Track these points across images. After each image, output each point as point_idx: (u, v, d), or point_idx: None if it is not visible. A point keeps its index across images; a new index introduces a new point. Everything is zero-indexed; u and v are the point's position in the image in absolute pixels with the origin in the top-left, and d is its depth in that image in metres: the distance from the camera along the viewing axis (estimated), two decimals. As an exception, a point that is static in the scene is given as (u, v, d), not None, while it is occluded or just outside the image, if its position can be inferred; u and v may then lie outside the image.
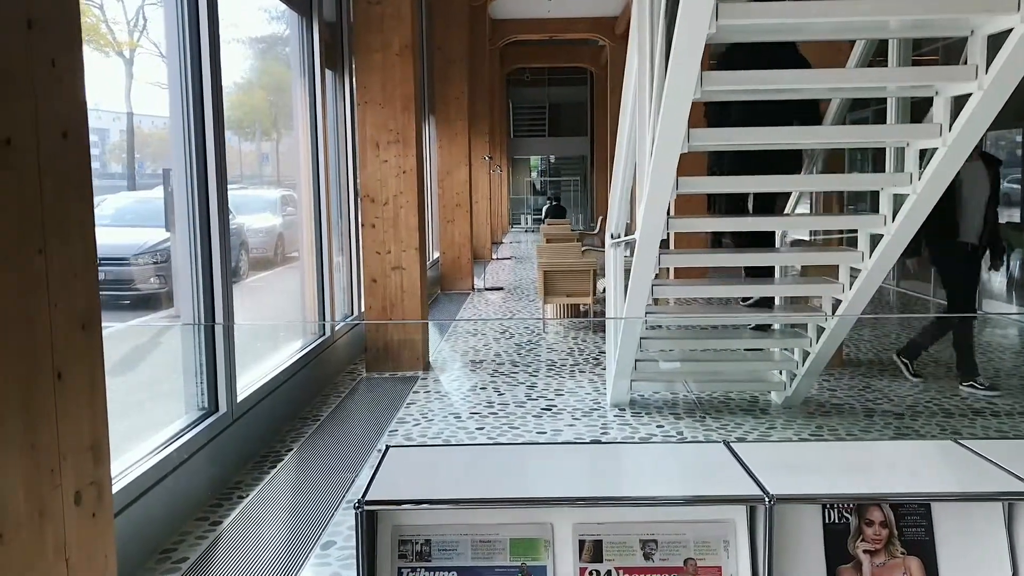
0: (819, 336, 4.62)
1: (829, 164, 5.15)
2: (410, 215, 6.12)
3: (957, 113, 3.34)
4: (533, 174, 30.52)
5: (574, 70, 24.63)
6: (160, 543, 3.26)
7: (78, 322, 1.46)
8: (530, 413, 5.13)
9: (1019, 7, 2.87)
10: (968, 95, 3.22)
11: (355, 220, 7.04)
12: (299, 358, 5.34)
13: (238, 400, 4.17)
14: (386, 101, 6.01)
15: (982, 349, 6.37)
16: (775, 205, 5.27)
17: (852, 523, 1.70)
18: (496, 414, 5.12)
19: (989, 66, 3.09)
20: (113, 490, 2.24)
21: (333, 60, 6.64)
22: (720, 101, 4.60)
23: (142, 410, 4.32)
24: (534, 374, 6.15)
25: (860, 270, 4.14)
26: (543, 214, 23.14)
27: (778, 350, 5.12)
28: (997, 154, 7.66)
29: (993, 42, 3.10)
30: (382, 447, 4.52)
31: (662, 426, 4.85)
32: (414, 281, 6.17)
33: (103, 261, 1.53)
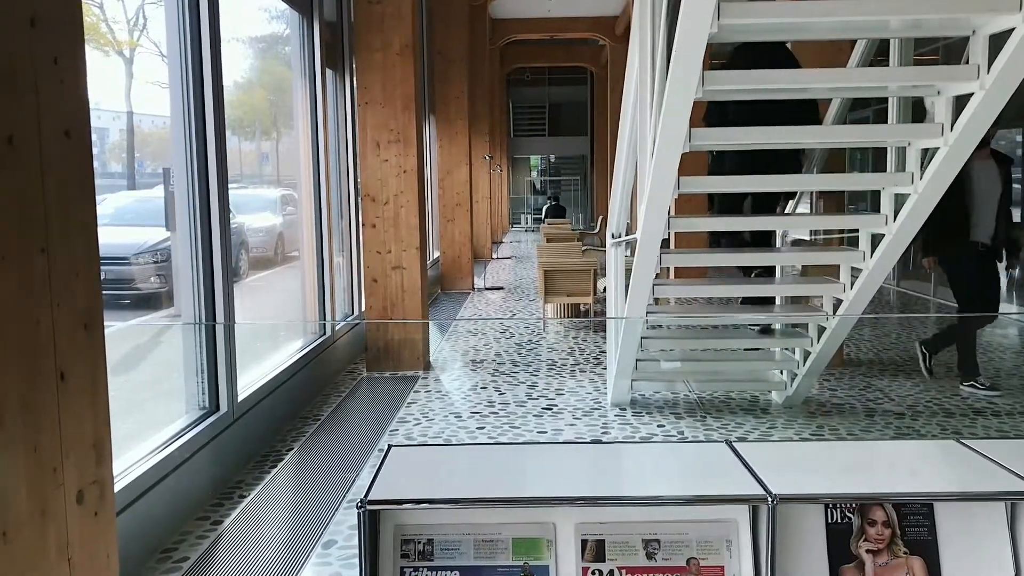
0: (820, 336, 4.62)
1: (829, 165, 5.14)
2: (410, 215, 6.12)
3: (959, 113, 3.34)
4: (533, 174, 30.53)
5: (574, 70, 24.64)
6: (161, 542, 3.26)
7: (80, 321, 1.46)
8: (531, 413, 5.13)
9: (1021, 7, 2.87)
10: (970, 95, 3.22)
11: (356, 220, 7.04)
12: (300, 358, 5.34)
13: (239, 399, 4.17)
14: (386, 100, 6.01)
15: (982, 349, 6.36)
16: (774, 212, 5.27)
17: (855, 523, 1.70)
18: (497, 414, 5.12)
19: (991, 66, 3.09)
20: (115, 489, 2.24)
21: (334, 59, 6.64)
22: (719, 108, 4.62)
23: (143, 409, 4.32)
24: (535, 374, 6.15)
25: (861, 270, 4.14)
26: (543, 214, 23.17)
27: (779, 350, 5.12)
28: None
29: (995, 42, 3.10)
30: (383, 447, 4.54)
31: (663, 426, 4.85)
32: (414, 281, 6.17)
33: (103, 260, 1.53)
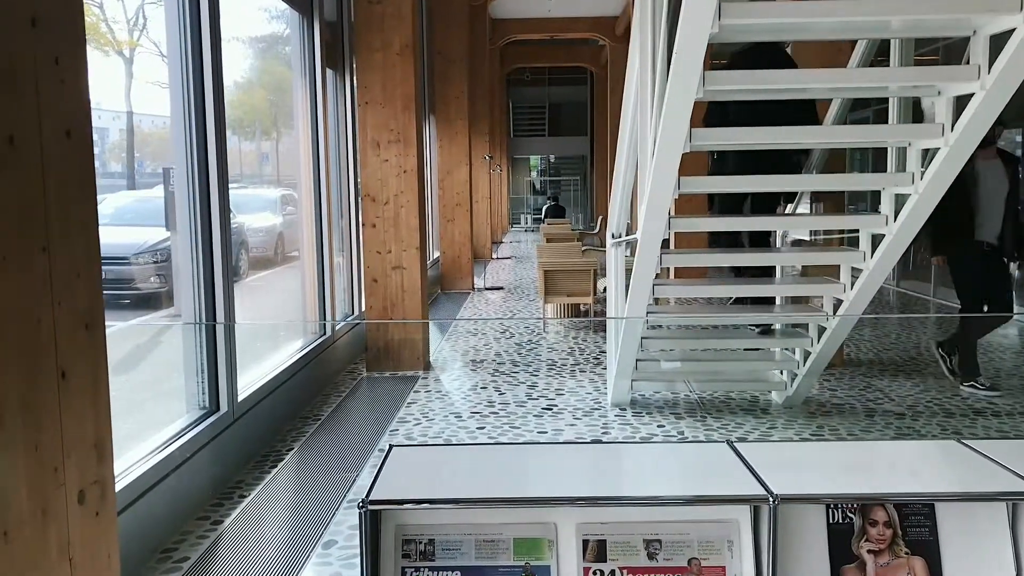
0: (820, 336, 4.62)
1: (830, 165, 5.15)
2: (411, 215, 6.12)
3: (959, 113, 3.34)
4: (533, 174, 30.53)
5: (574, 70, 24.63)
6: (162, 542, 3.26)
7: (81, 321, 1.46)
8: (531, 413, 5.13)
9: (1021, 8, 2.87)
10: (970, 95, 3.22)
11: (356, 220, 7.04)
12: (300, 357, 5.34)
13: (239, 399, 4.17)
14: (387, 100, 6.01)
15: (982, 349, 6.36)
16: (773, 213, 5.27)
17: (856, 523, 1.70)
18: (497, 414, 5.11)
19: (991, 66, 3.09)
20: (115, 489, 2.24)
21: (334, 59, 6.64)
22: (720, 109, 4.62)
23: (143, 409, 4.32)
24: (535, 374, 6.15)
25: (861, 270, 4.14)
26: (543, 214, 23.17)
27: (779, 350, 5.12)
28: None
29: (995, 42, 3.10)
30: (383, 447, 4.54)
31: (663, 426, 4.85)
32: (414, 281, 6.17)
33: (103, 260, 1.53)
